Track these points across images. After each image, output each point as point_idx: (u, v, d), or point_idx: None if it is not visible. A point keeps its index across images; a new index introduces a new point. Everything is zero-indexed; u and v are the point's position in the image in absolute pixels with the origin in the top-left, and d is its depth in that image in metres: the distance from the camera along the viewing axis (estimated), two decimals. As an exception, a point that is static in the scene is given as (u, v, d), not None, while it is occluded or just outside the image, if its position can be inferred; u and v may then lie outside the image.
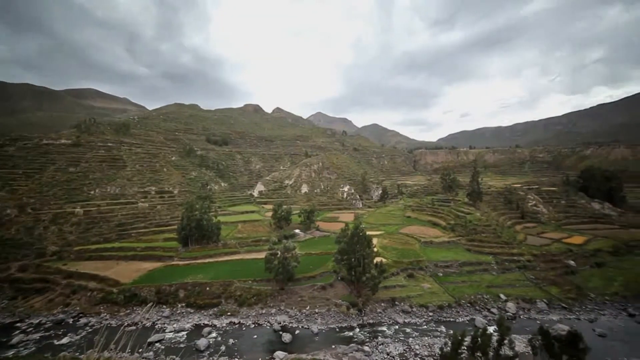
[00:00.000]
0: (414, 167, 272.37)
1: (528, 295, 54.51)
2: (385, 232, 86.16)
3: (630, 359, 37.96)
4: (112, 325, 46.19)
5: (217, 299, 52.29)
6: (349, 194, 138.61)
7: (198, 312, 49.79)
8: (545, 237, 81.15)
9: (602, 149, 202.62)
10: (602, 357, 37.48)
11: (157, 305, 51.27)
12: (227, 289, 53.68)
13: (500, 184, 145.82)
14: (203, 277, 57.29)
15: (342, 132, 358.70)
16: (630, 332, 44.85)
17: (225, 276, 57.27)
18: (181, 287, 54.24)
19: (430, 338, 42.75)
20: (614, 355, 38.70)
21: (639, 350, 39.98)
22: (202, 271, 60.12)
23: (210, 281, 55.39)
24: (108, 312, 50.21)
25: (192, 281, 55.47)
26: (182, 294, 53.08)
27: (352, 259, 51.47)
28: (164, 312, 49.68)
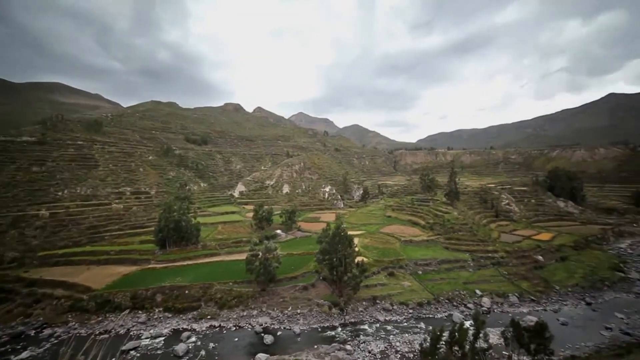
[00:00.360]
0: (394, 167, 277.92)
1: (501, 290, 57.12)
2: (366, 231, 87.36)
3: (587, 343, 41.64)
4: (82, 334, 43.67)
5: (196, 302, 50.98)
6: (330, 194, 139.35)
7: (177, 317, 48.29)
8: (517, 235, 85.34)
9: (566, 151, 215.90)
10: (563, 343, 40.36)
11: (133, 311, 49.14)
12: (207, 292, 52.45)
13: (476, 184, 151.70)
14: (182, 280, 55.61)
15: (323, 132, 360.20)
16: (587, 318, 48.87)
17: (205, 279, 55.92)
18: (158, 291, 52.37)
19: (410, 335, 43.82)
20: (573, 341, 42.04)
21: (593, 334, 44.06)
22: (181, 274, 58.39)
23: (189, 284, 53.86)
24: (77, 321, 47.13)
25: (170, 285, 53.72)
26: (159, 298, 51.27)
27: (334, 259, 51.84)
28: (139, 317, 47.75)
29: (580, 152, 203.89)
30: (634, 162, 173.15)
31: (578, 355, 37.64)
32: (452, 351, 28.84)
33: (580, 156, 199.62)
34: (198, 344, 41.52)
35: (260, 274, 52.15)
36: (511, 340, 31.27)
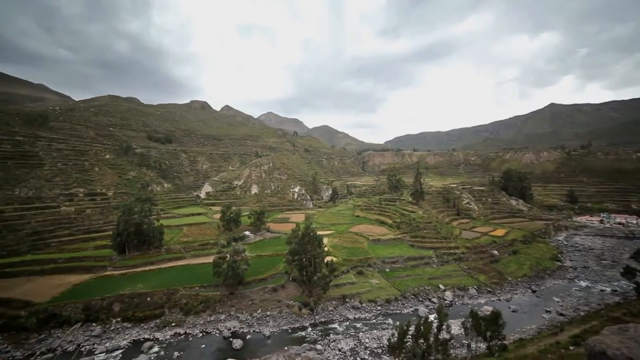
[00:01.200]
0: (362, 168, 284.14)
1: (462, 284, 60.77)
2: (335, 231, 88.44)
3: (531, 326, 46.49)
4: (17, 357, 38.11)
5: (159, 309, 48.18)
6: (299, 194, 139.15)
7: (137, 326, 45.21)
8: (476, 231, 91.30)
9: (517, 154, 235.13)
10: (513, 328, 44.43)
11: (85, 324, 44.95)
12: (172, 298, 49.83)
13: (439, 184, 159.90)
14: (143, 286, 52.29)
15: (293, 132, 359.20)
16: (532, 304, 54.46)
17: (169, 284, 53.07)
18: (116, 299, 48.70)
19: (379, 331, 45.06)
20: (521, 325, 46.50)
21: (536, 318, 49.44)
22: (142, 280, 54.89)
23: (151, 290, 50.79)
24: (10, 342, 40.56)
25: (130, 292, 50.24)
26: (117, 308, 47.67)
27: (304, 259, 51.83)
28: (93, 330, 43.90)
29: (528, 155, 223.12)
30: (568, 164, 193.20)
31: (524, 337, 41.28)
32: (418, 344, 30.11)
33: (528, 159, 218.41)
34: (161, 354, 39.30)
35: (228, 277, 50.66)
36: (470, 329, 33.38)
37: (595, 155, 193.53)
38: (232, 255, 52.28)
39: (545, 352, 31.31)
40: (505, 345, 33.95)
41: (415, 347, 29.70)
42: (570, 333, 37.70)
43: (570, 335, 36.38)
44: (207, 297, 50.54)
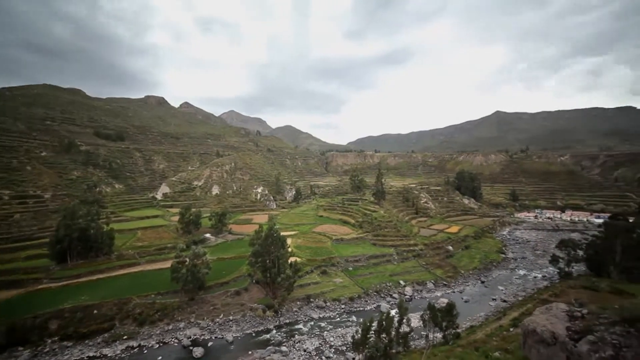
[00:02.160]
0: (325, 168, 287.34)
1: (421, 279, 64.19)
2: (299, 231, 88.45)
3: (480, 314, 50.70)
4: None
5: (109, 322, 44.11)
6: (262, 195, 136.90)
7: (80, 344, 40.46)
8: (433, 229, 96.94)
9: (469, 156, 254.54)
10: (466, 317, 47.87)
11: (8, 350, 38.27)
12: (124, 308, 45.98)
13: (399, 184, 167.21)
14: (88, 298, 47.48)
15: (256, 132, 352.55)
16: (481, 294, 59.42)
17: (120, 294, 48.88)
18: (54, 316, 43.03)
19: (343, 328, 45.88)
20: (472, 314, 50.46)
21: (484, 306, 54.08)
22: (88, 291, 49.89)
23: (99, 302, 46.31)
24: None
25: (72, 306, 45.01)
26: (54, 326, 42.03)
27: (267, 261, 51.05)
28: (19, 356, 37.55)
29: (479, 157, 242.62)
30: (511, 166, 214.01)
31: (475, 324, 44.88)
32: (381, 339, 31.22)
33: (479, 161, 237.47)
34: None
35: (187, 282, 48.17)
36: (428, 321, 35.40)
37: (532, 159, 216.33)
38: (191, 259, 49.83)
39: (491, 336, 34.36)
40: (458, 333, 36.53)
41: (378, 342, 30.75)
42: (511, 317, 41.85)
43: (511, 319, 40.44)
44: (165, 305, 47.53)
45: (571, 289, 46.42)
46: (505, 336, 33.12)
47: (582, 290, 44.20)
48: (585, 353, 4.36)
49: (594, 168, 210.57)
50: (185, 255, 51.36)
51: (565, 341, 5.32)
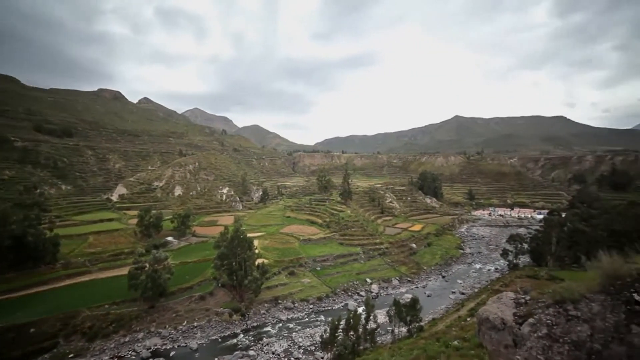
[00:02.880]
0: (293, 169, 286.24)
1: (386, 276, 66.38)
2: (266, 232, 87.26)
3: (441, 307, 53.54)
4: None
5: (50, 340, 39.24)
6: (228, 195, 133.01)
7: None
8: (397, 227, 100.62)
9: (431, 158, 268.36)
10: (428, 310, 50.08)
11: None
12: (70, 323, 41.58)
13: (365, 184, 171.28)
14: (23, 315, 41.57)
15: (221, 131, 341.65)
16: (442, 288, 62.92)
17: (66, 306, 44.17)
18: (-25, 339, 36.83)
19: (311, 328, 46.03)
20: (433, 307, 52.82)
21: (445, 299, 57.28)
22: (24, 307, 44.19)
23: (38, 319, 40.77)
24: None
25: (1, 326, 38.92)
26: (-25, 351, 36.17)
27: (233, 263, 49.80)
28: None
29: (440, 159, 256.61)
30: (469, 167, 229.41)
31: (436, 317, 47.50)
32: (348, 336, 31.84)
33: (440, 162, 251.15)
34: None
35: (147, 289, 45.29)
36: (394, 316, 36.82)
37: (486, 161, 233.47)
38: (152, 265, 46.98)
39: (451, 326, 36.58)
40: (421, 326, 38.39)
41: (346, 340, 31.34)
42: (468, 307, 44.90)
43: (468, 309, 43.38)
44: (121, 315, 44.11)
45: (518, 278, 50.92)
46: (463, 325, 35.43)
47: (526, 279, 48.68)
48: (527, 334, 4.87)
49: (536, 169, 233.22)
50: (145, 261, 48.29)
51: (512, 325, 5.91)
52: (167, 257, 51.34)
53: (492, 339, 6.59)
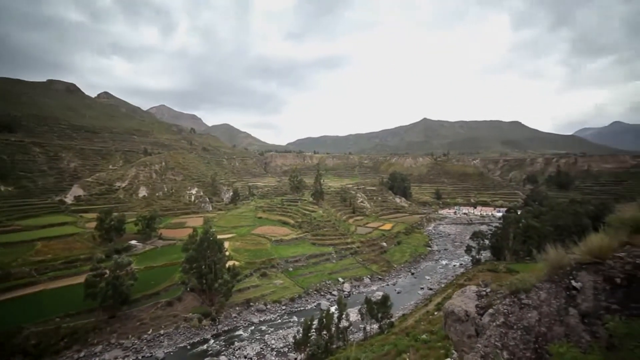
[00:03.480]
0: (264, 169, 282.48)
1: (358, 275, 67.61)
2: (237, 234, 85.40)
3: (410, 302, 55.56)
4: None
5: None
6: (197, 196, 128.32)
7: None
8: (368, 227, 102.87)
9: (400, 159, 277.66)
10: (398, 306, 51.91)
11: None
12: (9, 342, 36.86)
13: (337, 184, 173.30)
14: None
15: (190, 129, 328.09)
16: (411, 285, 65.37)
17: (6, 324, 39.02)
18: None
19: (284, 330, 45.73)
20: (403, 303, 55.17)
21: (414, 295, 59.57)
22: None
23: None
24: None
25: None
26: None
27: (203, 266, 48.28)
28: None
29: (409, 159, 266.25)
30: (436, 168, 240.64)
31: (406, 312, 49.32)
32: (322, 336, 32.06)
33: (409, 163, 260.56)
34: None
35: (108, 298, 42.32)
36: (365, 314, 37.68)
37: (452, 162, 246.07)
38: (113, 271, 44.06)
39: (420, 321, 38.18)
40: (392, 322, 39.64)
41: (319, 339, 31.54)
42: (436, 302, 47.11)
43: (435, 304, 45.52)
44: (74, 329, 40.44)
45: (480, 272, 54.33)
46: (431, 319, 37.12)
47: (487, 273, 52.09)
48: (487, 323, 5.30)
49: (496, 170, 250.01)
50: (105, 267, 45.22)
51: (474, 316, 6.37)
52: (131, 262, 48.52)
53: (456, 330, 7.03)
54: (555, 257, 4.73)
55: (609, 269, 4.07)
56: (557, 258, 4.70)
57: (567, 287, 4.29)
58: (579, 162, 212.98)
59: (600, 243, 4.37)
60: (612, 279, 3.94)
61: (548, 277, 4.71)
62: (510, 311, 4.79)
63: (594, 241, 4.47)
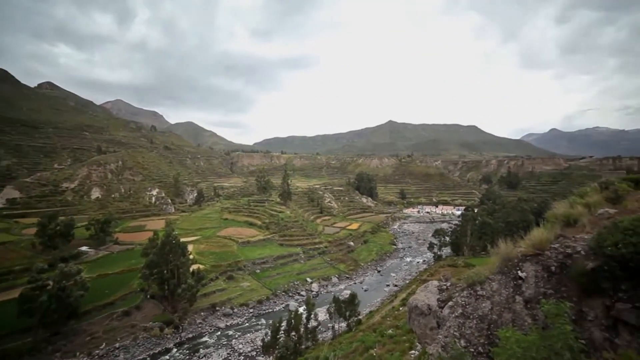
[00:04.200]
0: (231, 169, 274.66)
1: (326, 275, 68.22)
2: (201, 236, 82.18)
3: (377, 299, 57.16)
4: None
5: None
6: (158, 197, 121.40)
7: None
8: (336, 227, 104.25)
9: (367, 159, 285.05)
10: (365, 304, 53.16)
11: None
12: None
13: (305, 185, 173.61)
14: None
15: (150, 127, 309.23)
16: (378, 282, 67.19)
17: None
18: None
19: (252, 333, 44.76)
20: (370, 301, 56.51)
21: (380, 292, 61.15)
22: None
23: None
24: None
25: None
26: None
27: (165, 271, 45.75)
28: None
29: (375, 160, 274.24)
30: (400, 169, 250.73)
31: (373, 309, 50.79)
32: (290, 337, 31.91)
33: (375, 164, 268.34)
34: None
35: (51, 313, 37.81)
36: (334, 313, 38.17)
37: (415, 163, 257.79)
38: (58, 282, 39.83)
39: (386, 317, 39.53)
40: (360, 320, 40.58)
41: (288, 341, 31.36)
42: (401, 298, 49.06)
43: (401, 300, 47.39)
44: (4, 353, 34.99)
45: (441, 268, 57.54)
46: (397, 315, 38.60)
47: (448, 268, 55.25)
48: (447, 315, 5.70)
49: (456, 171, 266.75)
50: (48, 277, 40.89)
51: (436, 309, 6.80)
52: (81, 271, 44.45)
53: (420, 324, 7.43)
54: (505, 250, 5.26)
55: (546, 259, 4.68)
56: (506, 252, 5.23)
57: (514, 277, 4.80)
58: (525, 164, 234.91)
59: (540, 236, 4.99)
60: (549, 268, 4.54)
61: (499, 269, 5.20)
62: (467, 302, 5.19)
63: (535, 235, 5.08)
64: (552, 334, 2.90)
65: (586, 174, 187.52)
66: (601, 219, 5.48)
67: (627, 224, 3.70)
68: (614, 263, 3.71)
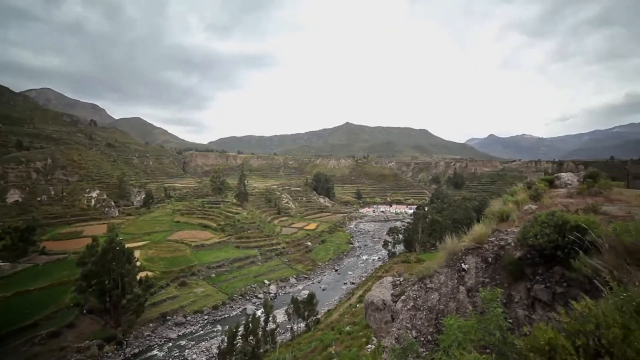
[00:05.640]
0: (183, 169, 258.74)
1: (284, 276, 67.71)
2: (150, 241, 76.28)
3: (335, 298, 58.03)
4: None
5: None
6: (99, 200, 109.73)
7: None
8: (293, 227, 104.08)
9: (325, 160, 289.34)
10: (324, 303, 53.82)
11: None
12: None
13: (262, 185, 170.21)
14: None
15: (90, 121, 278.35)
16: (335, 281, 68.55)
17: None
18: None
19: (207, 341, 42.66)
20: (328, 300, 57.29)
21: (338, 291, 62.22)
22: None
23: None
24: None
25: None
26: None
27: (106, 282, 41.47)
28: None
29: (332, 161, 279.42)
30: (357, 170, 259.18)
31: (331, 308, 51.70)
32: (248, 341, 31.07)
33: (332, 164, 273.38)
34: None
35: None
36: (292, 314, 38.08)
37: (371, 164, 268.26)
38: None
39: (344, 315, 40.52)
40: (318, 319, 41.03)
41: (246, 346, 30.50)
42: (357, 295, 50.68)
43: (357, 297, 48.96)
44: None
45: (395, 264, 60.74)
46: (354, 312, 39.77)
47: (401, 264, 58.57)
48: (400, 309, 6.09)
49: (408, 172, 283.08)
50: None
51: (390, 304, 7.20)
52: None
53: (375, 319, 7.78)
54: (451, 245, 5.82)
55: (484, 251, 5.32)
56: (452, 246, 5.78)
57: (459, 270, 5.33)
58: (468, 166, 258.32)
59: (480, 231, 5.64)
60: (487, 259, 5.17)
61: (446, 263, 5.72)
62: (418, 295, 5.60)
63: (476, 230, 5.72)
64: (487, 317, 3.33)
65: (516, 175, 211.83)
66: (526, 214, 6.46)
67: (543, 218, 4.46)
68: (534, 251, 4.44)
